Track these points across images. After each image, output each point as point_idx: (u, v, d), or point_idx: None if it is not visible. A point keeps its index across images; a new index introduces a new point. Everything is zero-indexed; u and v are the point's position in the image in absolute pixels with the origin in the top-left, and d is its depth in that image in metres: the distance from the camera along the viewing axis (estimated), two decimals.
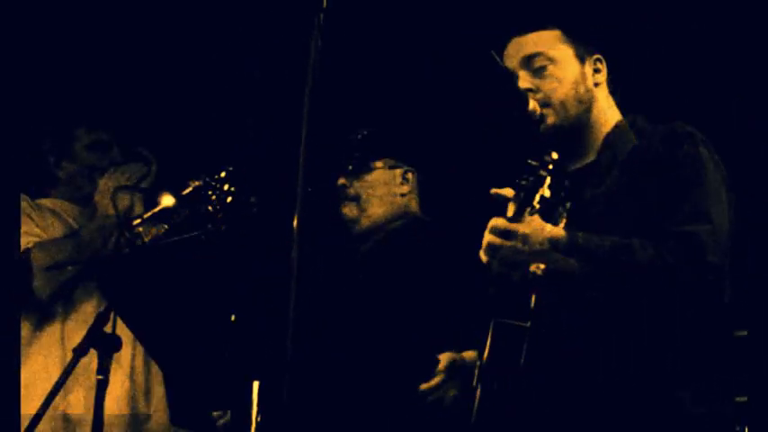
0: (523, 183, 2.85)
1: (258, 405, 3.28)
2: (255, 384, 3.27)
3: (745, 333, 5.71)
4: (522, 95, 3.18)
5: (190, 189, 3.99)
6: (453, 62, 5.39)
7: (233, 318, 3.34)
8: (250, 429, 3.25)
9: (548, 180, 2.84)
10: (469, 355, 3.44)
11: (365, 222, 4.25)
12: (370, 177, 4.29)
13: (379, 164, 4.31)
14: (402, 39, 5.42)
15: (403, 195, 4.32)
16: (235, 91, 5.31)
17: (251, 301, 3.41)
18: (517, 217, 2.86)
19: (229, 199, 3.89)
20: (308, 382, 2.77)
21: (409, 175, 4.35)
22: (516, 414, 3.02)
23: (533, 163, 2.84)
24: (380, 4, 4.33)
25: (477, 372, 3.18)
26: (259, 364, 3.30)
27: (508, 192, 2.93)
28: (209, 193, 3.90)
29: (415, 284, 3.92)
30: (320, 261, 3.32)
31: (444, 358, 3.44)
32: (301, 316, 2.59)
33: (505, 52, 3.29)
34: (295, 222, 2.69)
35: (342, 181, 4.25)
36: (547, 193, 2.84)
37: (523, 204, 2.85)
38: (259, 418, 3.27)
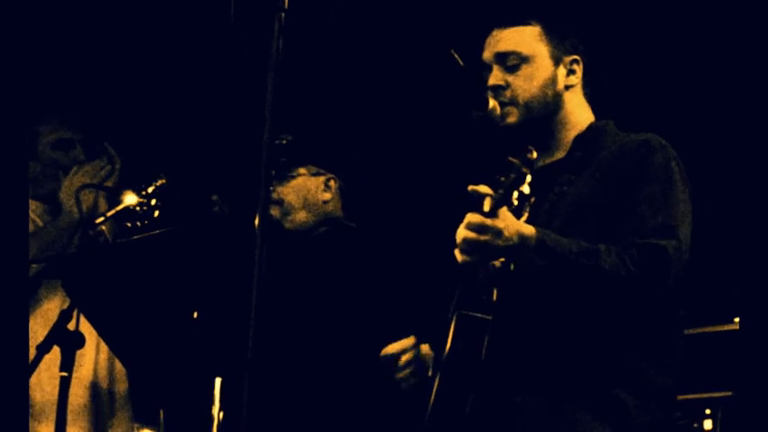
0: (503, 179, 2.86)
1: (220, 402, 3.30)
2: (217, 381, 3.29)
3: (737, 327, 5.78)
4: (483, 96, 3.21)
5: (153, 188, 4.00)
6: (406, 67, 5.44)
7: (195, 315, 3.35)
8: (212, 426, 3.27)
9: (528, 177, 2.84)
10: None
11: (288, 226, 4.32)
12: (293, 183, 4.37)
13: (302, 170, 4.38)
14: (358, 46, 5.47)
15: (325, 202, 4.40)
16: (198, 88, 5.32)
17: (213, 298, 3.42)
18: (493, 212, 2.87)
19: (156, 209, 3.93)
20: (269, 379, 2.79)
21: (332, 183, 4.42)
22: (475, 404, 3.03)
23: (514, 160, 2.85)
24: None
25: (432, 362, 3.21)
26: (221, 361, 3.31)
27: (484, 189, 2.93)
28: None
29: (342, 288, 3.97)
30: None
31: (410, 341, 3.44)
32: (261, 314, 2.61)
33: (485, 43, 3.30)
34: (257, 221, 2.70)
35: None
36: (527, 190, 2.85)
37: (502, 201, 2.86)
38: (221, 415, 3.29)
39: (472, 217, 2.89)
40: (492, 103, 3.20)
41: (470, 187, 2.95)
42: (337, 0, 3.63)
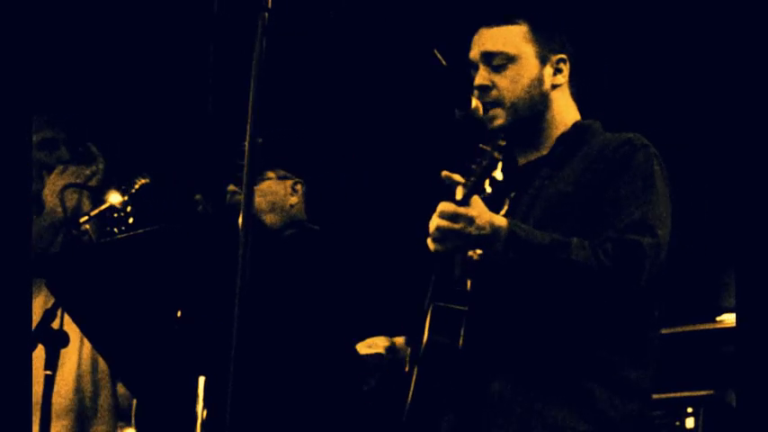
0: (474, 167, 2.88)
1: (204, 400, 3.31)
2: (201, 380, 3.30)
3: (732, 321, 5.81)
4: (466, 95, 3.22)
5: (137, 186, 4.01)
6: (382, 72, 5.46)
7: (179, 314, 3.36)
8: (196, 425, 3.27)
9: (500, 164, 2.87)
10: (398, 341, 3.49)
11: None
12: (261, 186, 4.41)
13: (270, 174, 4.44)
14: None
15: (292, 206, 4.45)
16: (181, 88, 5.33)
17: (197, 297, 3.43)
18: (466, 200, 2.89)
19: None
20: (252, 377, 2.80)
21: (298, 187, 4.50)
22: (452, 395, 3.09)
23: (486, 147, 2.88)
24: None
25: (408, 358, 3.24)
26: (205, 359, 3.32)
27: (457, 177, 2.95)
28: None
29: (310, 290, 3.99)
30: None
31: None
32: (242, 313, 2.62)
33: (472, 42, 3.31)
34: (240, 220, 2.72)
35: (232, 188, 4.32)
36: (499, 176, 2.87)
37: (474, 188, 2.88)
38: (205, 414, 3.29)
39: (445, 205, 2.91)
40: (475, 102, 3.21)
41: (444, 173, 2.97)
42: (324, 1, 3.65)
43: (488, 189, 2.88)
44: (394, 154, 5.84)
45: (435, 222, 2.93)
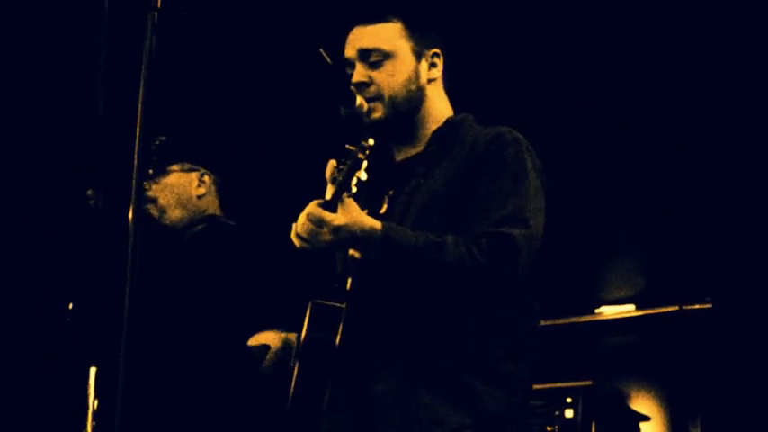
0: (341, 167, 2.90)
1: (95, 391, 3.31)
2: (92, 371, 3.30)
3: (611, 314, 5.95)
4: (351, 93, 3.21)
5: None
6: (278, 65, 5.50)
7: (70, 306, 3.36)
8: (87, 415, 3.28)
9: (364, 164, 2.88)
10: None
11: (166, 223, 4.35)
12: (166, 180, 4.43)
13: (175, 167, 4.45)
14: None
15: (200, 197, 4.46)
16: (72, 85, 5.31)
17: (87, 289, 3.43)
18: (335, 199, 2.91)
19: None
20: (143, 369, 2.83)
21: (206, 178, 4.49)
22: (334, 392, 3.12)
23: (351, 147, 2.89)
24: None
25: (294, 351, 3.27)
26: (95, 351, 3.32)
27: (329, 174, 2.97)
28: None
29: (220, 283, 4.02)
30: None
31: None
32: (135, 310, 2.64)
33: (347, 40, 3.31)
34: (130, 215, 2.73)
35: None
36: (363, 176, 2.89)
37: (341, 187, 2.90)
38: (96, 404, 3.30)
39: (312, 208, 2.94)
40: (359, 99, 3.21)
41: (328, 168, 3.01)
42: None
43: (354, 189, 2.90)
44: (282, 151, 5.88)
45: (300, 221, 2.96)
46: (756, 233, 5.49)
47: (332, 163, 2.97)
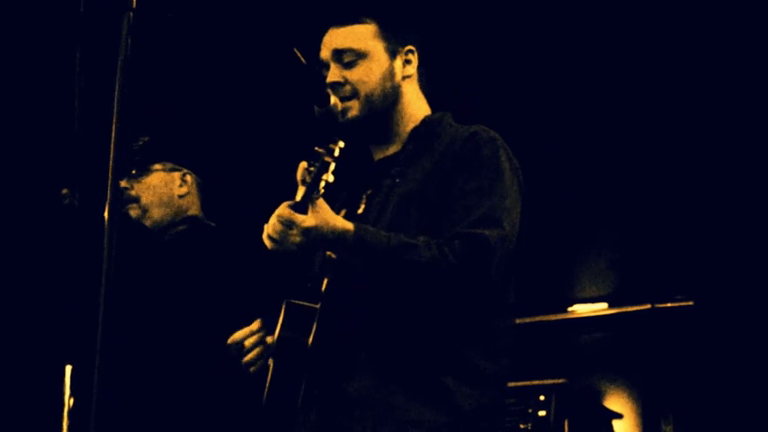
0: (311, 169, 2.91)
1: (70, 389, 3.31)
2: (68, 369, 3.30)
3: (583, 312, 5.98)
4: (325, 93, 3.21)
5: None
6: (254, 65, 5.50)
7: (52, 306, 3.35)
8: (62, 413, 3.28)
9: (332, 166, 2.89)
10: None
11: (148, 223, 4.36)
12: (148, 180, 4.43)
13: (157, 166, 4.45)
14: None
15: (182, 197, 4.46)
16: (49, 85, 5.31)
17: (64, 287, 3.43)
18: (305, 201, 2.92)
19: None
20: (119, 366, 2.84)
21: (188, 178, 4.50)
22: (308, 392, 3.12)
23: (320, 150, 2.90)
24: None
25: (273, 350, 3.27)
26: (71, 349, 3.32)
27: (300, 176, 2.99)
28: None
29: (200, 283, 4.03)
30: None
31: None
32: (112, 303, 2.65)
33: (322, 42, 3.31)
34: (106, 214, 2.73)
35: (123, 183, 4.32)
36: (330, 178, 2.89)
37: (310, 189, 2.91)
38: (71, 402, 3.30)
39: (282, 209, 2.94)
40: (333, 99, 3.22)
41: (299, 169, 3.02)
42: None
43: (322, 190, 2.90)
44: (263, 152, 5.90)
45: (271, 222, 2.96)
46: (728, 232, 5.53)
47: (303, 164, 2.98)
